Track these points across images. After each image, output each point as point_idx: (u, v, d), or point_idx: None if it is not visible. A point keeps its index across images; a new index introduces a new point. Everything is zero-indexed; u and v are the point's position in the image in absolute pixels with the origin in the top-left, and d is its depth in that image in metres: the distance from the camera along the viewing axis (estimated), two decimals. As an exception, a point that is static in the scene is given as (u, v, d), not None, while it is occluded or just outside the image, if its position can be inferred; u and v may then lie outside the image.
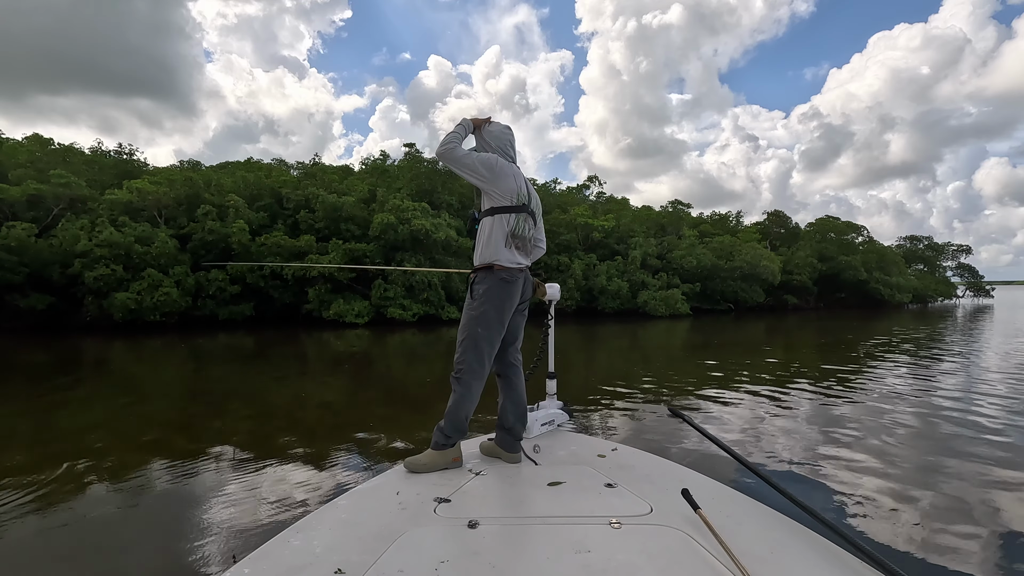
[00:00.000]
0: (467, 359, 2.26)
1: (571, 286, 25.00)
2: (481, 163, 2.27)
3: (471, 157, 2.28)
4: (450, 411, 2.29)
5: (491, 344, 2.30)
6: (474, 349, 2.26)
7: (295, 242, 20.43)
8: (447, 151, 2.27)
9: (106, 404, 7.12)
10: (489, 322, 2.27)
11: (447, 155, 2.27)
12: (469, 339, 2.27)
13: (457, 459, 2.30)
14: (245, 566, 1.50)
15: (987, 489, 3.80)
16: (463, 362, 2.28)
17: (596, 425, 5.62)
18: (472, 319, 2.28)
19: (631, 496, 1.93)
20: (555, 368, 3.02)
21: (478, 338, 2.26)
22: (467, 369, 2.26)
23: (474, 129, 2.44)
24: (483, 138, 2.42)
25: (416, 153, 27.26)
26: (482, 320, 2.26)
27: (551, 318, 2.95)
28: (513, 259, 2.31)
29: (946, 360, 10.69)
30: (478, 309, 2.27)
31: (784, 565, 1.47)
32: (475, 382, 2.28)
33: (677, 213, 36.12)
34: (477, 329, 2.26)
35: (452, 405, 2.29)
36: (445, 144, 2.28)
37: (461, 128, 2.35)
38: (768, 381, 8.24)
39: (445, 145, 2.27)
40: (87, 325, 18.40)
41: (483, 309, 2.27)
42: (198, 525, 3.27)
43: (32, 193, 18.96)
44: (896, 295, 38.61)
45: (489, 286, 2.28)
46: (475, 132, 2.45)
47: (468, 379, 2.26)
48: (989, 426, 5.49)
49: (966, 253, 53.61)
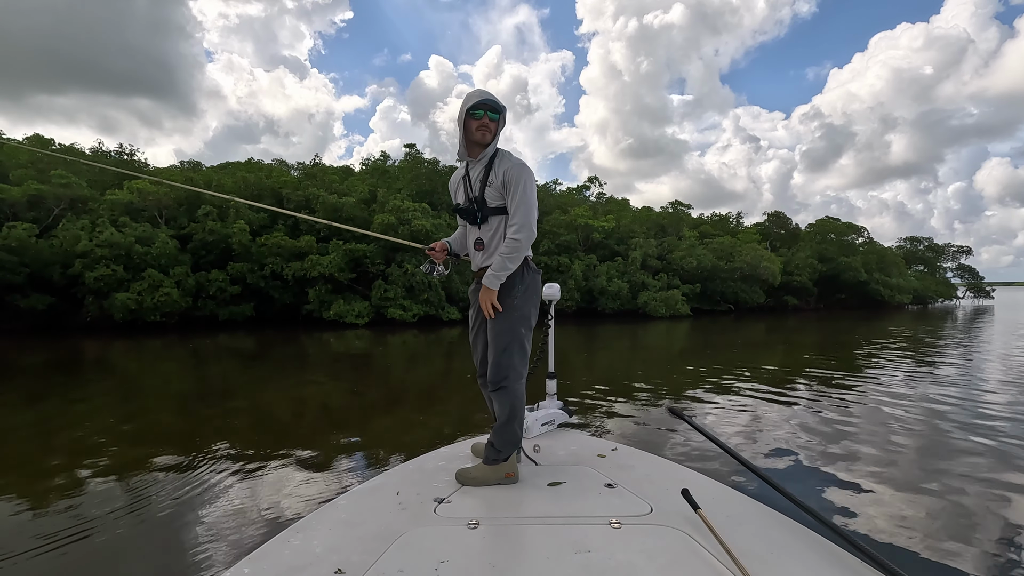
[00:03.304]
0: (514, 363, 2.12)
1: (571, 287, 24.99)
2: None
3: (534, 192, 2.15)
4: (502, 425, 2.13)
5: (530, 344, 2.20)
6: (520, 352, 2.14)
7: (295, 242, 20.43)
8: (530, 234, 2.11)
9: (106, 404, 7.12)
10: (531, 321, 2.18)
11: (530, 231, 2.11)
12: (515, 342, 2.13)
13: (511, 475, 2.11)
14: (245, 566, 1.50)
15: (988, 489, 3.79)
16: (509, 367, 2.12)
17: (596, 425, 5.62)
18: (517, 319, 2.14)
19: (631, 496, 1.93)
20: (555, 368, 3.02)
21: (523, 339, 2.14)
22: (514, 375, 2.12)
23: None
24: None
25: (416, 154, 27.30)
26: (526, 320, 2.16)
27: (551, 318, 2.95)
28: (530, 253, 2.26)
29: (946, 361, 10.68)
30: (521, 309, 2.14)
31: (784, 565, 1.47)
32: (520, 386, 2.16)
33: (677, 214, 36.13)
34: (521, 330, 2.14)
35: (504, 418, 2.13)
36: (529, 233, 2.10)
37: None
38: (768, 381, 8.23)
39: (529, 233, 2.10)
40: (87, 325, 18.40)
41: (527, 308, 2.16)
42: (198, 525, 3.26)
43: (33, 193, 18.98)
44: (896, 296, 38.63)
45: (529, 283, 2.18)
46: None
47: (515, 385, 2.13)
48: (990, 426, 5.49)
49: (966, 254, 53.69)
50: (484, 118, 2.13)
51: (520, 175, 2.09)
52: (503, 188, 2.12)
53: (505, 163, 2.13)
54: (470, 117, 2.15)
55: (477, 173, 2.20)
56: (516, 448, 2.17)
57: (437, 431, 5.51)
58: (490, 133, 2.15)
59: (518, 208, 2.09)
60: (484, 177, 2.16)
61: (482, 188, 2.15)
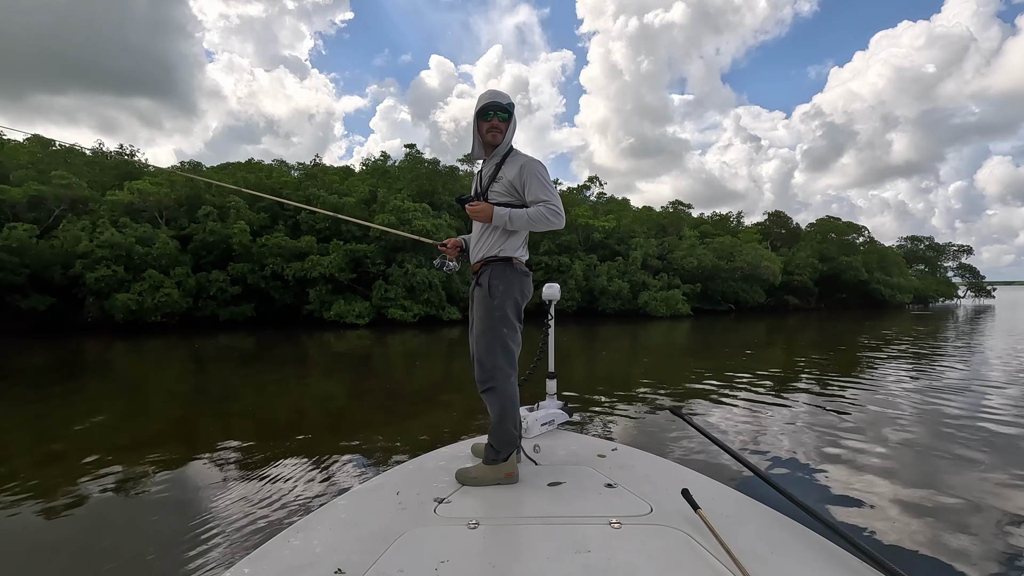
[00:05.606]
0: (498, 364, 2.12)
1: (572, 287, 24.98)
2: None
3: (554, 189, 2.18)
4: (495, 426, 2.13)
5: (518, 344, 2.19)
6: (504, 352, 2.14)
7: (296, 243, 20.43)
8: (559, 214, 2.13)
9: (107, 405, 7.12)
10: (513, 321, 2.17)
11: (559, 211, 2.13)
12: (497, 342, 2.13)
13: (511, 475, 2.11)
14: (245, 566, 1.50)
15: (988, 489, 3.79)
16: (494, 368, 2.12)
17: (596, 425, 5.62)
18: (498, 319, 2.14)
19: (631, 496, 1.93)
20: (555, 368, 3.02)
21: (506, 339, 2.14)
22: (500, 376, 2.12)
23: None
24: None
25: (417, 154, 27.27)
26: (506, 320, 2.15)
27: (551, 318, 2.95)
28: (525, 254, 2.28)
29: (947, 361, 10.67)
30: (501, 308, 2.15)
31: (784, 565, 1.47)
32: (508, 387, 2.14)
33: (678, 214, 36.11)
34: (503, 330, 2.14)
35: (496, 419, 2.13)
36: (557, 212, 2.12)
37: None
38: (768, 381, 8.23)
39: (558, 212, 2.12)
40: (88, 326, 18.41)
41: (507, 308, 2.16)
42: (198, 525, 3.26)
43: (33, 194, 18.97)
44: (897, 296, 38.61)
45: (513, 282, 2.18)
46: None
47: (502, 386, 2.12)
48: (990, 426, 5.48)
49: (967, 253, 53.72)
50: (494, 119, 2.19)
51: (535, 168, 2.15)
52: (512, 185, 2.17)
53: (518, 160, 2.19)
54: (480, 119, 2.21)
55: (488, 170, 2.27)
56: (514, 448, 2.17)
57: (437, 431, 5.51)
58: (501, 134, 2.21)
59: (547, 192, 2.12)
60: (493, 174, 2.22)
61: (489, 183, 2.22)
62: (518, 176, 2.14)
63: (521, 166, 2.15)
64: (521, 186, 2.15)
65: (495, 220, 2.13)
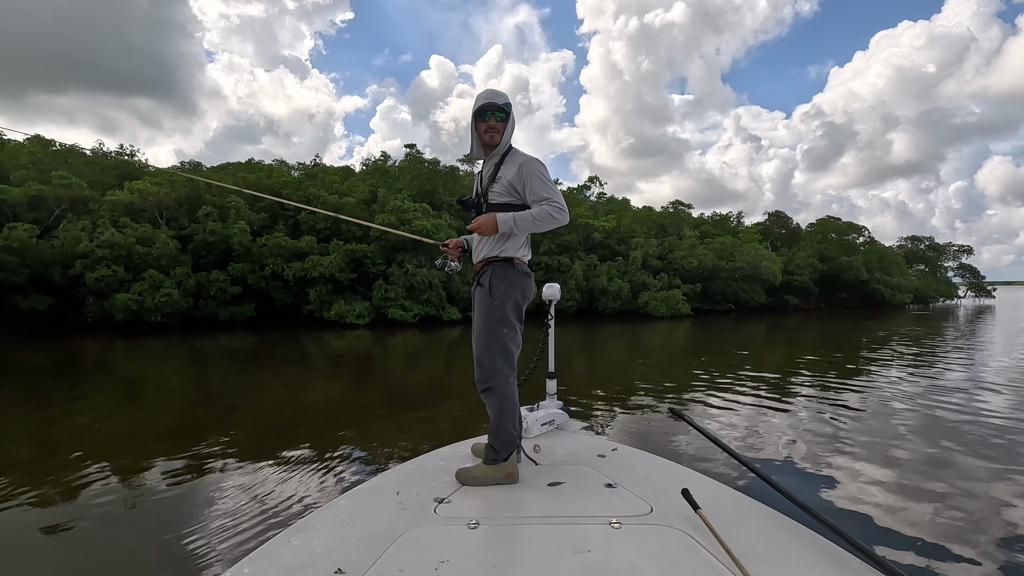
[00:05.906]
0: (496, 364, 2.13)
1: (572, 287, 24.98)
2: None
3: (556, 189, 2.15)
4: (495, 426, 2.13)
5: (517, 345, 2.19)
6: (503, 352, 2.14)
7: (296, 243, 20.43)
8: (563, 210, 2.10)
9: (107, 405, 7.13)
10: (513, 322, 2.17)
11: (563, 208, 2.10)
12: (496, 342, 2.13)
13: (511, 475, 2.10)
14: (245, 566, 1.50)
15: (988, 489, 3.79)
16: (492, 368, 2.13)
17: (596, 425, 5.62)
18: (497, 319, 2.14)
19: (631, 496, 1.93)
20: (555, 368, 3.02)
21: (505, 340, 2.14)
22: (499, 376, 2.12)
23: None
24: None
25: (417, 154, 27.25)
26: (506, 320, 2.15)
27: (551, 318, 2.94)
28: (527, 254, 2.26)
29: (947, 360, 10.67)
30: (501, 309, 2.14)
31: (784, 565, 1.47)
32: (507, 387, 2.14)
33: (678, 214, 36.11)
34: (502, 330, 2.14)
35: (495, 420, 2.13)
36: (561, 208, 2.10)
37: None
38: (768, 381, 8.23)
39: (562, 209, 2.10)
40: (88, 326, 18.41)
41: (507, 308, 2.15)
42: (199, 525, 3.27)
43: (34, 194, 18.98)
44: (897, 296, 38.60)
45: (514, 282, 2.17)
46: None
47: (501, 386, 2.13)
48: (991, 426, 5.48)
49: (967, 253, 53.72)
50: (491, 119, 2.18)
51: (534, 166, 2.14)
52: (511, 185, 2.16)
53: (516, 160, 2.17)
54: (478, 119, 2.21)
55: (488, 170, 2.26)
56: (514, 448, 2.16)
57: (437, 431, 5.51)
58: (498, 134, 2.20)
59: (549, 189, 2.10)
60: (493, 174, 2.21)
61: (489, 184, 2.21)
62: (517, 176, 2.14)
63: (520, 165, 2.14)
64: (521, 186, 2.14)
65: (501, 228, 2.11)
